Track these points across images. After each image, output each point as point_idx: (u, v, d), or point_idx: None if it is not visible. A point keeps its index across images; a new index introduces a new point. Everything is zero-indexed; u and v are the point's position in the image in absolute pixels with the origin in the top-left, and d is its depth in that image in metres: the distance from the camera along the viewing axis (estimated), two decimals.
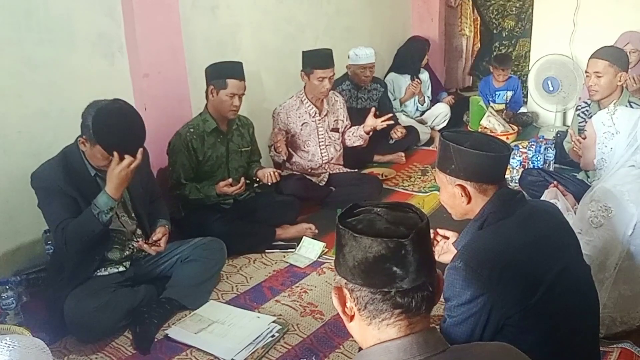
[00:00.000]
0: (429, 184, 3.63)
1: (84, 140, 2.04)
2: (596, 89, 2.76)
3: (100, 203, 2.01)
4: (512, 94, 4.78)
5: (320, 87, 3.22)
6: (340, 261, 0.93)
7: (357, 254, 0.88)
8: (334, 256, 0.96)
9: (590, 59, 2.82)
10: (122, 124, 2.03)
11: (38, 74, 2.50)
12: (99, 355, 2.05)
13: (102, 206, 2.01)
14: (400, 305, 0.88)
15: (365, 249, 0.88)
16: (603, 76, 2.72)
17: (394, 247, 0.87)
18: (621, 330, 1.96)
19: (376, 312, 0.89)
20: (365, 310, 0.90)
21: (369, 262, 0.88)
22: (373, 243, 0.87)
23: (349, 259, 0.90)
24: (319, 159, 3.39)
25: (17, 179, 2.13)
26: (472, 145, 1.40)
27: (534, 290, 1.31)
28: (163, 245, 2.27)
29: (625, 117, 2.04)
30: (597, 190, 1.97)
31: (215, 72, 2.75)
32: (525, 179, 3.05)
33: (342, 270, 0.92)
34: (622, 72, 2.74)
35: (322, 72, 3.18)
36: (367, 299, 0.89)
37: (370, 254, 0.87)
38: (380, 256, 0.87)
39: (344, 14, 4.40)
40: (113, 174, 2.01)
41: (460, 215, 1.52)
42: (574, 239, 1.49)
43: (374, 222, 0.92)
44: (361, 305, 0.90)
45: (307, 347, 2.06)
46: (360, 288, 0.90)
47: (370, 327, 0.91)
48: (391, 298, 0.88)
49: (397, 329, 0.90)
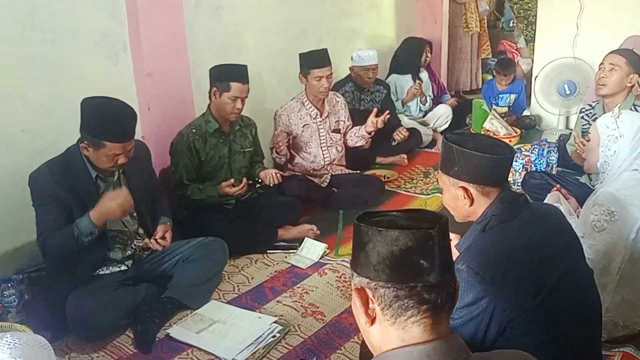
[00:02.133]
0: (431, 186, 3.63)
1: (86, 145, 2.05)
2: (606, 82, 2.79)
3: (81, 226, 2.01)
4: (516, 97, 4.78)
5: (318, 87, 3.21)
6: (361, 261, 0.91)
7: (382, 249, 0.87)
8: (341, 258, 0.95)
9: (608, 54, 2.88)
10: (111, 111, 2.04)
11: (42, 73, 2.51)
12: (100, 353, 2.05)
13: (82, 229, 2.01)
14: (427, 302, 0.87)
15: (392, 242, 0.86)
16: (617, 70, 2.77)
17: (421, 239, 0.86)
18: (623, 334, 1.96)
19: (401, 309, 0.87)
20: (390, 309, 0.88)
21: (395, 256, 0.86)
22: (400, 235, 0.86)
23: (373, 255, 0.88)
24: (321, 160, 3.39)
25: (20, 177, 2.13)
26: (475, 147, 1.40)
27: (536, 293, 1.31)
28: (169, 240, 2.28)
29: (629, 121, 2.04)
30: (601, 194, 1.97)
31: (220, 74, 2.75)
32: (528, 182, 3.05)
33: (364, 270, 0.90)
34: (634, 74, 2.78)
35: (319, 71, 3.17)
36: (392, 296, 0.87)
37: (396, 247, 0.86)
38: (407, 249, 0.86)
39: (347, 15, 4.40)
40: (104, 202, 2.01)
41: (463, 217, 1.52)
42: (577, 242, 1.48)
43: (395, 221, 0.92)
44: (385, 303, 0.88)
45: (308, 347, 2.06)
46: (384, 285, 0.88)
47: (393, 327, 0.89)
48: (418, 293, 0.87)
49: (423, 328, 0.88)
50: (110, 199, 2.03)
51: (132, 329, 2.15)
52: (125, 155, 2.08)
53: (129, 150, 2.09)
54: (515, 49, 6.15)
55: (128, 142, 2.07)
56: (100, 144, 2.02)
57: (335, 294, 2.40)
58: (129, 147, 2.08)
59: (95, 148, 2.03)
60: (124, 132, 2.06)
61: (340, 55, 3.33)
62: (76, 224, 2.02)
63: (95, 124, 2.02)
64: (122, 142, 2.04)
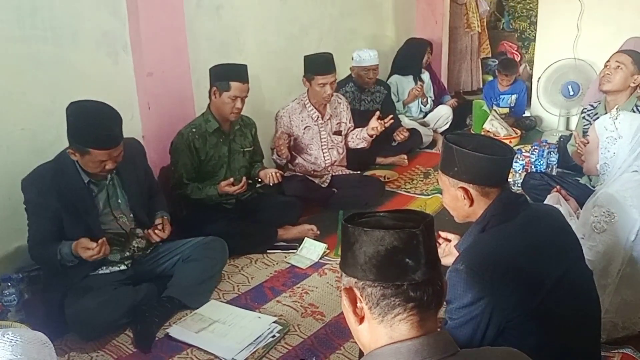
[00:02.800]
0: (431, 186, 3.63)
1: (73, 151, 2.05)
2: (610, 79, 2.81)
3: (63, 253, 2.05)
4: (517, 97, 4.78)
5: (321, 93, 3.21)
6: (348, 261, 0.92)
7: (369, 249, 0.88)
8: (339, 259, 0.96)
9: (616, 52, 2.92)
10: (95, 117, 2.02)
11: (42, 72, 2.51)
12: (100, 353, 2.05)
13: (64, 256, 2.04)
14: (413, 299, 0.88)
15: (377, 242, 0.88)
16: (622, 69, 2.79)
17: (406, 238, 0.88)
18: (623, 335, 1.96)
19: (388, 308, 0.89)
20: (377, 308, 0.89)
21: (381, 256, 0.88)
22: (385, 235, 0.87)
23: (360, 255, 0.89)
24: (322, 162, 3.39)
25: (20, 176, 2.13)
26: (475, 147, 1.40)
27: (535, 294, 1.31)
28: (167, 232, 2.29)
29: (628, 122, 2.04)
30: (600, 195, 1.96)
31: (220, 73, 2.75)
32: (528, 182, 3.06)
33: (352, 270, 0.92)
34: (639, 75, 2.80)
35: (323, 79, 3.17)
36: (379, 295, 0.89)
37: (382, 246, 0.87)
38: (392, 248, 0.87)
39: (347, 15, 4.40)
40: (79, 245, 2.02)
41: (463, 217, 1.52)
42: (576, 242, 1.48)
43: (382, 221, 0.93)
44: (373, 302, 0.90)
45: (307, 347, 2.06)
46: (371, 284, 0.89)
47: (381, 326, 0.90)
48: (404, 292, 0.88)
49: (410, 325, 0.89)
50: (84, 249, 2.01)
51: (131, 328, 2.15)
52: (113, 161, 2.07)
53: (117, 156, 2.08)
54: (516, 50, 6.16)
55: (114, 149, 2.05)
56: (85, 151, 2.01)
57: (335, 294, 2.40)
58: (115, 153, 2.06)
59: (82, 154, 2.03)
60: (109, 139, 2.03)
61: (340, 55, 3.33)
62: (59, 250, 2.04)
63: (80, 131, 2.00)
64: (107, 149, 2.03)
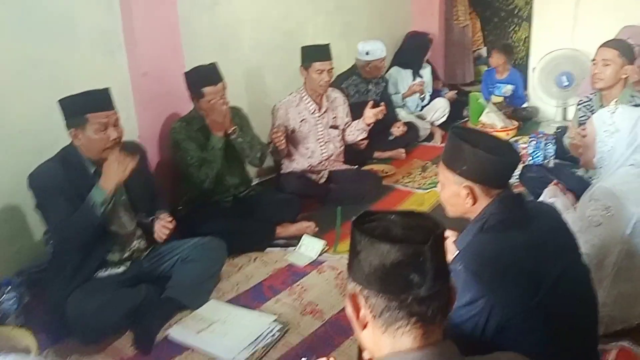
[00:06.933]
0: (429, 180, 3.62)
1: (74, 132, 2.07)
2: (601, 77, 2.78)
3: (94, 195, 2.05)
4: (513, 87, 4.77)
5: (319, 80, 3.21)
6: (355, 267, 0.90)
7: (374, 260, 0.87)
8: (338, 255, 0.95)
9: (600, 48, 2.85)
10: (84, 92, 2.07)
11: (39, 72, 2.50)
12: (100, 356, 2.05)
13: (95, 197, 2.04)
14: (417, 314, 0.87)
15: (383, 255, 0.86)
16: (611, 65, 2.75)
17: (412, 254, 0.86)
18: (621, 328, 1.96)
19: (392, 320, 0.88)
20: (381, 318, 0.88)
21: (386, 269, 0.86)
22: (391, 249, 0.85)
23: (365, 265, 0.88)
24: (319, 155, 3.38)
25: (19, 177, 2.13)
26: (486, 148, 1.39)
27: (534, 293, 1.31)
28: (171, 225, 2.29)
29: (626, 116, 2.03)
30: (597, 189, 1.97)
31: (191, 81, 2.73)
32: (526, 175, 3.06)
33: (357, 277, 0.90)
34: (628, 65, 2.77)
35: (320, 65, 3.18)
36: (383, 306, 0.88)
37: (387, 260, 0.86)
38: (398, 263, 0.85)
39: (343, 10, 4.38)
40: (107, 166, 2.06)
41: (460, 214, 1.51)
42: (573, 240, 1.48)
43: (390, 229, 0.90)
44: (376, 312, 0.88)
45: (307, 346, 2.06)
46: (376, 295, 0.88)
47: (384, 336, 0.89)
48: (408, 306, 0.87)
49: (413, 338, 0.88)
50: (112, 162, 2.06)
51: (131, 330, 2.15)
52: (115, 129, 2.10)
53: (116, 123, 2.11)
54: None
55: (111, 112, 2.09)
56: (83, 120, 2.03)
57: (334, 292, 2.40)
58: (113, 118, 2.10)
59: (82, 128, 2.04)
60: (103, 101, 2.08)
61: (337, 49, 3.33)
62: (88, 197, 2.04)
63: (73, 103, 2.05)
64: (103, 110, 2.06)
